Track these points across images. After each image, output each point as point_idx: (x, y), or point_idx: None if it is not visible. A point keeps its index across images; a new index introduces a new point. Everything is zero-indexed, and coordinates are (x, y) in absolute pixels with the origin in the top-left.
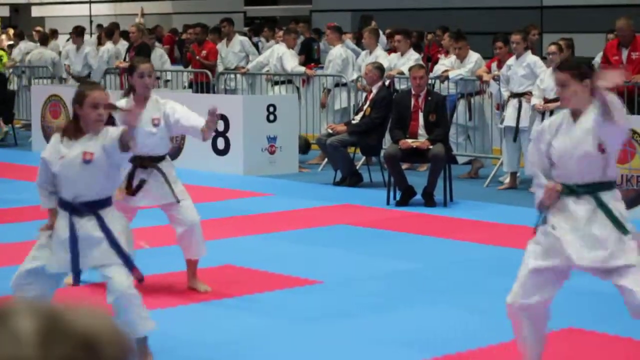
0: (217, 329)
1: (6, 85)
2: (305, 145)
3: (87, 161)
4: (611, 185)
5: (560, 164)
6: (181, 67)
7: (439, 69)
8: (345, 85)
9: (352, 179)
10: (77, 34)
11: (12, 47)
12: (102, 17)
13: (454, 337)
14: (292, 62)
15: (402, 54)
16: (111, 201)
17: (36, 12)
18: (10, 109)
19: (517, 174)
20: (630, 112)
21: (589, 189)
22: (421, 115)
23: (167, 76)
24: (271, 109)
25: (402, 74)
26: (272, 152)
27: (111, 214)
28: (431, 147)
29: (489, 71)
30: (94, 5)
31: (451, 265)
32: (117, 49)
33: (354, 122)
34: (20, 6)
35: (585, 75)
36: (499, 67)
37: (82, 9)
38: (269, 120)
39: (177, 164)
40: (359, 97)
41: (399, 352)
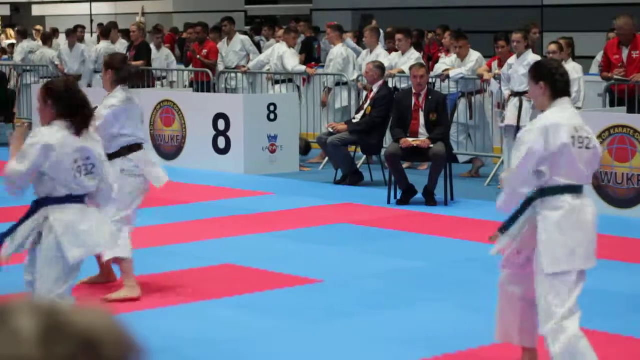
0: (218, 328)
1: (6, 84)
2: (305, 146)
3: None
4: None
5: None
6: (182, 67)
7: (439, 68)
8: (346, 84)
9: (352, 177)
10: (70, 33)
11: (13, 46)
12: (102, 16)
13: (454, 335)
14: (292, 61)
15: (402, 53)
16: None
17: (37, 11)
18: (11, 108)
19: None
20: (630, 111)
21: None
22: (422, 114)
23: (173, 77)
24: (272, 108)
25: (402, 73)
26: (272, 151)
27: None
28: (432, 146)
29: (490, 70)
30: (94, 4)
31: (452, 264)
32: (112, 48)
33: (354, 121)
34: (20, 5)
35: (539, 77)
36: (500, 66)
37: (83, 8)
38: (269, 119)
39: (177, 163)
40: (359, 96)
41: (399, 351)
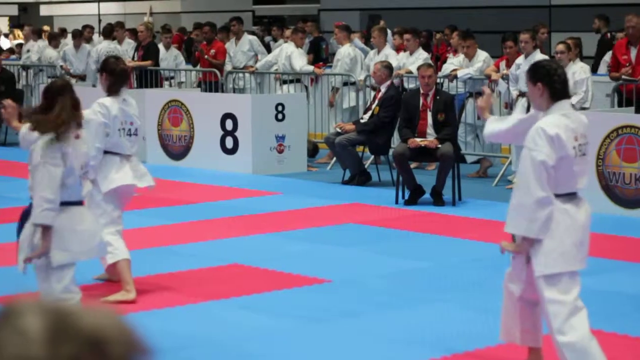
0: (225, 328)
1: (15, 84)
2: (313, 149)
3: None
4: None
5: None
6: (190, 66)
7: (447, 68)
8: (353, 84)
9: (360, 177)
10: (76, 35)
11: (21, 46)
12: (110, 16)
13: (462, 335)
14: (300, 61)
15: (411, 53)
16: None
17: (45, 11)
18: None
19: None
20: (639, 111)
21: None
22: (430, 114)
23: (181, 77)
24: (280, 108)
25: (410, 73)
26: (280, 151)
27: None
28: (440, 146)
29: (498, 70)
30: (102, 4)
31: (460, 264)
32: (114, 47)
33: (362, 121)
34: (28, 5)
35: (537, 78)
36: (508, 66)
37: (91, 8)
38: (277, 119)
39: (185, 163)
40: (367, 96)
41: (407, 351)
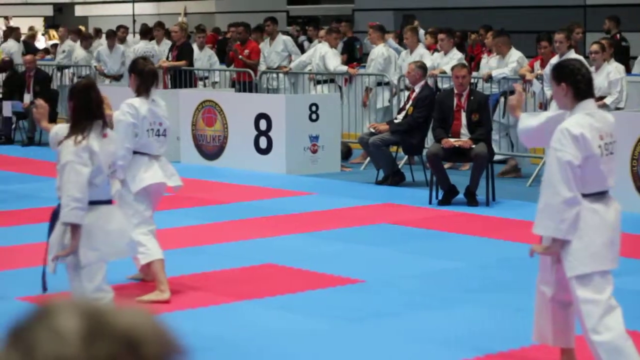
0: (259, 328)
1: (50, 84)
2: (347, 151)
3: None
4: None
5: None
6: (224, 67)
7: (483, 68)
8: (387, 84)
9: (394, 178)
10: (110, 35)
11: (56, 46)
12: (145, 17)
13: (496, 336)
14: (334, 61)
15: (445, 53)
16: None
17: (79, 11)
18: (53, 108)
19: None
20: None
21: None
22: (464, 114)
23: (215, 77)
24: (313, 108)
25: (444, 73)
26: (314, 151)
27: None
28: (474, 146)
29: (532, 70)
30: (137, 4)
31: (493, 264)
32: (151, 47)
33: (396, 121)
34: (63, 5)
35: (561, 78)
36: (542, 66)
37: (126, 8)
38: (311, 119)
39: (219, 163)
40: (401, 96)
41: (441, 351)
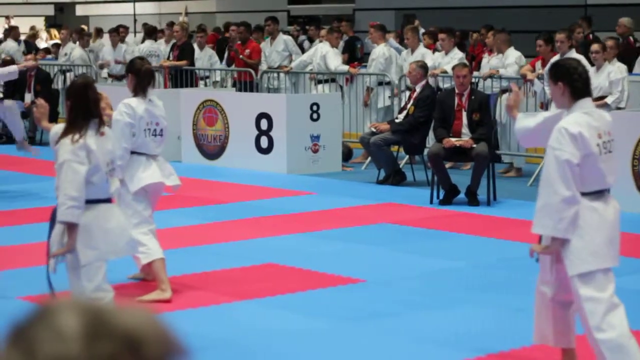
0: (260, 328)
1: (50, 83)
2: (347, 152)
3: None
4: None
5: None
6: (225, 66)
7: (485, 68)
8: (388, 83)
9: (395, 177)
10: (112, 32)
11: (58, 46)
12: (146, 16)
13: (497, 336)
14: (335, 60)
15: (446, 53)
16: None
17: (80, 11)
18: (54, 108)
19: None
20: None
21: None
22: (465, 114)
23: (216, 76)
24: (314, 108)
25: (445, 72)
26: (315, 151)
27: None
28: (475, 145)
29: (534, 70)
30: (138, 4)
31: (495, 264)
32: (157, 48)
33: (397, 120)
34: (64, 5)
35: (558, 77)
36: (543, 65)
37: (127, 8)
38: (312, 119)
39: (220, 163)
40: (402, 95)
41: (442, 351)
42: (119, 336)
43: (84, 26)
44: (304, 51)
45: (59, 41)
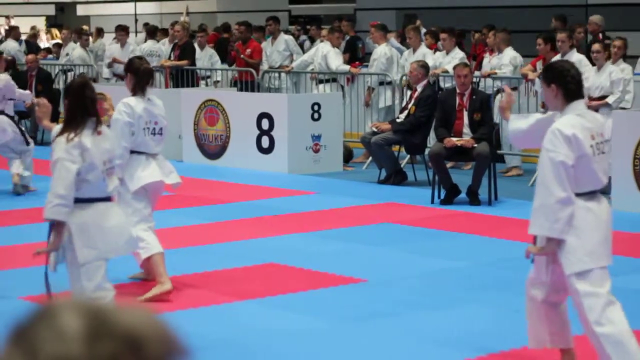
0: (261, 328)
1: (52, 83)
2: (348, 154)
3: None
4: None
5: None
6: (226, 66)
7: (486, 67)
8: (389, 83)
9: (396, 177)
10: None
11: (59, 45)
12: (147, 16)
13: (498, 335)
14: (336, 60)
15: (447, 53)
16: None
17: (81, 10)
18: (56, 108)
19: None
20: None
21: None
22: (466, 113)
23: (217, 76)
24: (316, 108)
25: (446, 72)
26: (316, 151)
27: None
28: (476, 145)
29: (535, 69)
30: (139, 3)
31: (496, 263)
32: (158, 48)
33: (398, 120)
34: (65, 5)
35: (550, 79)
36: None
37: (127, 8)
38: (313, 118)
39: (221, 163)
40: (404, 95)
41: (443, 351)
42: (120, 336)
43: (85, 26)
44: (304, 51)
45: (60, 41)
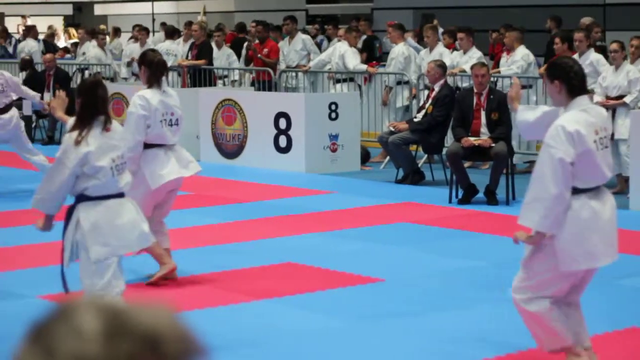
0: (280, 326)
1: (69, 82)
2: (365, 155)
3: None
4: None
5: None
6: (243, 65)
7: (503, 67)
8: (407, 83)
9: (414, 177)
10: (140, 31)
11: (76, 45)
12: (164, 15)
13: (516, 335)
14: (354, 60)
15: (464, 52)
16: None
17: (99, 10)
18: (72, 106)
19: None
20: None
21: None
22: (483, 113)
23: (234, 76)
24: (333, 107)
25: (464, 71)
26: (333, 150)
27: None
28: (493, 145)
29: None
30: (156, 3)
31: (513, 263)
32: (175, 48)
33: (415, 120)
34: (83, 4)
35: (554, 75)
36: None
37: (145, 7)
38: (330, 118)
39: (239, 162)
40: (420, 95)
41: (461, 350)
42: (139, 335)
43: (102, 26)
44: (322, 50)
45: (77, 40)
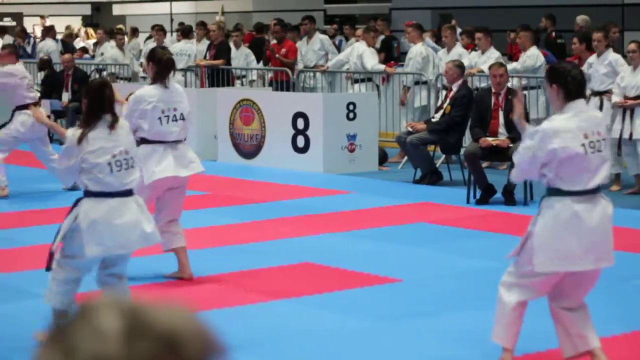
0: (297, 326)
1: (87, 82)
2: (382, 156)
3: None
4: None
5: None
6: (261, 65)
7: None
8: (425, 83)
9: (431, 177)
10: (158, 31)
11: (96, 44)
12: (183, 15)
13: (533, 336)
14: (372, 60)
15: (482, 52)
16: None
17: (117, 10)
18: None
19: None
20: None
21: None
22: (501, 113)
23: (252, 76)
24: (351, 107)
25: (482, 72)
26: (351, 150)
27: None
28: (512, 145)
29: None
30: (174, 3)
31: None
32: (189, 48)
33: (433, 120)
34: (101, 4)
35: (552, 79)
36: (580, 65)
37: (163, 7)
38: (348, 118)
39: (256, 162)
40: (438, 95)
41: (478, 351)
42: (159, 335)
43: (121, 26)
44: (340, 50)
45: (96, 40)
